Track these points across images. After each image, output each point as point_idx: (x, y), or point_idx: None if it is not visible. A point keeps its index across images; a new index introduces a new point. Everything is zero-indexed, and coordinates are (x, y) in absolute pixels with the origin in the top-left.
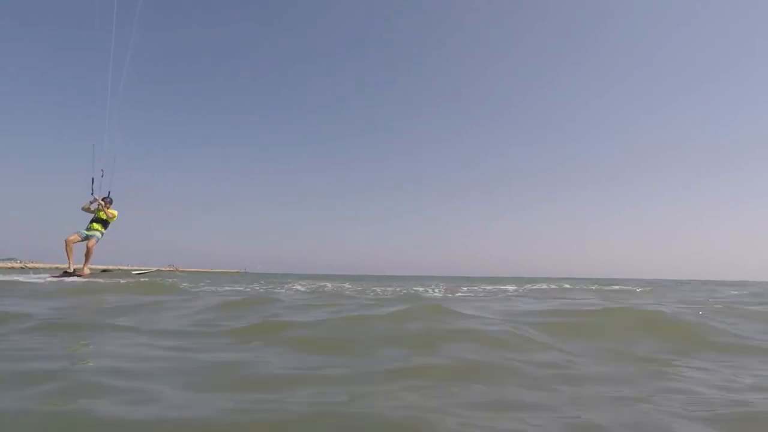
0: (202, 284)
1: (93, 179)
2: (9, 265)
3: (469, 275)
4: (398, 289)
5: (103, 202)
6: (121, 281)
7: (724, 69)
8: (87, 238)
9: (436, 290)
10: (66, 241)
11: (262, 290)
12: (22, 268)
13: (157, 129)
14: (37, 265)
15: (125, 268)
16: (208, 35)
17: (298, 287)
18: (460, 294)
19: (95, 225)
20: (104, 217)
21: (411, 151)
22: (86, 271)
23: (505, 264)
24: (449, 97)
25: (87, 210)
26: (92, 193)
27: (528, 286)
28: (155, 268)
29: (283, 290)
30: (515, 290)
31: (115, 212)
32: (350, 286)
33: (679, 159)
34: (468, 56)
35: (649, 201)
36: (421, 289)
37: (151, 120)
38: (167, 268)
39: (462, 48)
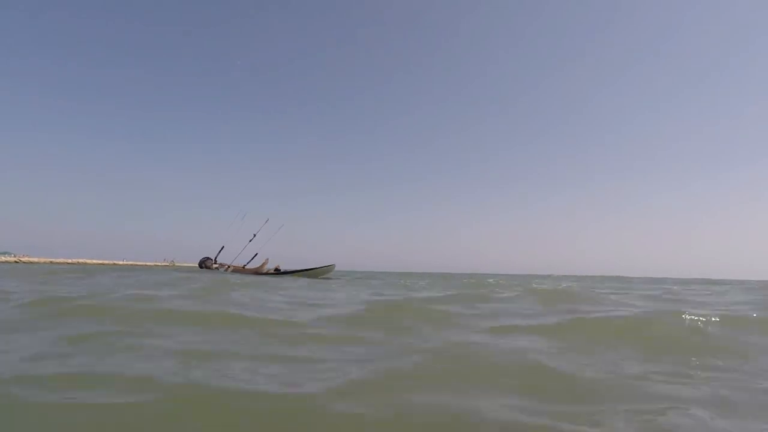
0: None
1: (222, 247)
2: (3, 259)
3: (461, 272)
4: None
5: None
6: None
7: (725, 68)
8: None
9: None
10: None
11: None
12: (16, 262)
13: (157, 126)
14: (31, 259)
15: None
16: (210, 31)
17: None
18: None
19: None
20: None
21: (405, 150)
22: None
23: (501, 263)
24: (450, 96)
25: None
26: (215, 261)
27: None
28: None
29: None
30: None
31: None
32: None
33: (683, 157)
34: (469, 55)
35: (652, 199)
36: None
37: (152, 117)
38: (164, 263)
39: (463, 48)
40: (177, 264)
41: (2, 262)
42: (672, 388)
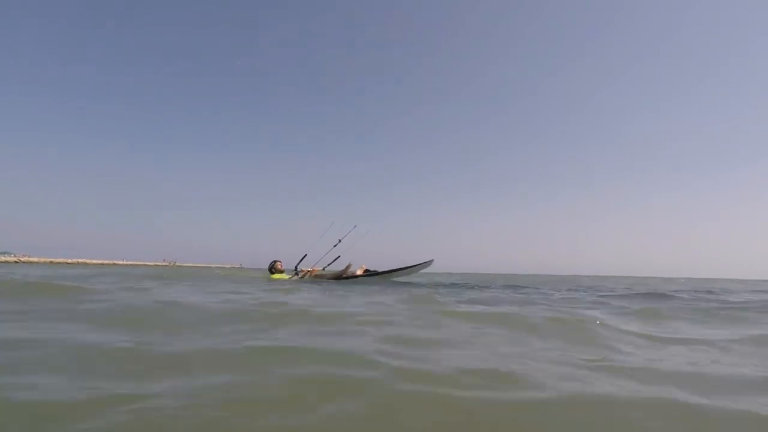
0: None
1: (305, 255)
2: (3, 258)
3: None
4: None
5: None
6: None
7: (725, 68)
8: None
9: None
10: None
11: None
12: (16, 261)
13: (158, 127)
14: (30, 259)
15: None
16: (210, 31)
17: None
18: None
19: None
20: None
21: (405, 150)
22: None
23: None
24: (450, 96)
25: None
26: (296, 269)
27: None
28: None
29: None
30: None
31: (279, 276)
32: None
33: (683, 157)
34: (469, 55)
35: (652, 199)
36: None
37: (152, 117)
38: (165, 263)
39: (463, 48)
40: (178, 264)
41: (2, 262)
42: None
